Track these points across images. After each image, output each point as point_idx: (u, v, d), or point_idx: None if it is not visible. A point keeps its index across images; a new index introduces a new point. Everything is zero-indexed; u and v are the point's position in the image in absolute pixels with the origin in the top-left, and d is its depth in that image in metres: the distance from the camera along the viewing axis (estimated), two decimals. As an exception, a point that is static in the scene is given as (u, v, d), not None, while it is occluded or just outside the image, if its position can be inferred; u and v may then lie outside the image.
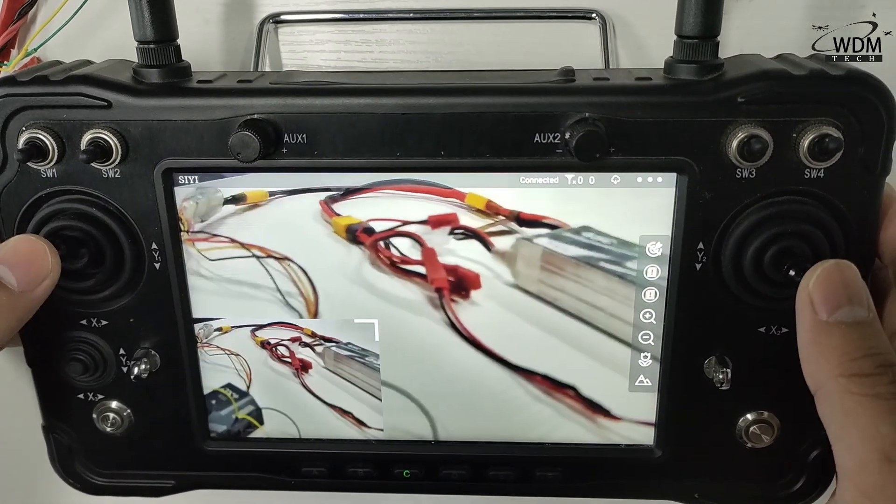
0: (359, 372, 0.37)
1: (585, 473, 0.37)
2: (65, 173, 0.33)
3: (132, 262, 0.34)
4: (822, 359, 0.28)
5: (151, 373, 0.35)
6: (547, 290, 0.35)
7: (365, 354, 0.36)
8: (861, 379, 0.27)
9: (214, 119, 0.32)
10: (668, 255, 0.33)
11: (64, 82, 0.32)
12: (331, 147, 0.32)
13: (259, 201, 0.34)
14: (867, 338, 0.27)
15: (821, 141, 0.30)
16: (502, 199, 0.33)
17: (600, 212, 0.33)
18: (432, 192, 0.33)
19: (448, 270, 0.35)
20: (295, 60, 0.40)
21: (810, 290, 0.28)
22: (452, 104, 0.31)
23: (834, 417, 0.27)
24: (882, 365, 0.27)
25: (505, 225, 0.34)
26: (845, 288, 0.28)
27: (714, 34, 0.31)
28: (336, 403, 0.37)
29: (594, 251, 0.34)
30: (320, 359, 0.37)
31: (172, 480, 0.39)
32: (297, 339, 0.36)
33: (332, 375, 0.37)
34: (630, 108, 0.31)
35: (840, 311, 0.27)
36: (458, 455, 0.37)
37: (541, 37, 0.39)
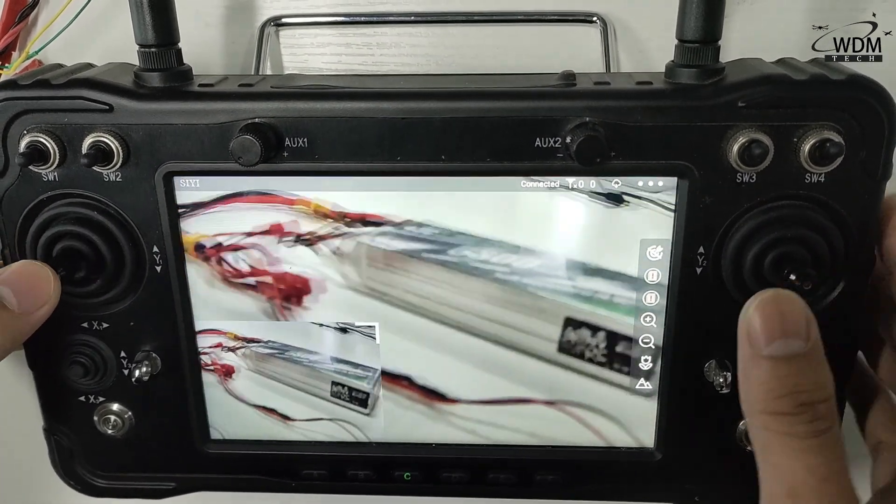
0: (282, 367, 0.37)
1: (586, 476, 0.37)
2: (66, 177, 0.33)
3: (133, 265, 0.34)
4: (750, 391, 0.27)
5: (152, 375, 0.35)
6: (377, 286, 0.35)
7: (286, 349, 0.37)
8: (779, 417, 0.26)
9: (216, 123, 0.32)
10: (669, 260, 0.33)
11: (65, 86, 0.32)
12: (331, 151, 0.32)
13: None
14: (795, 374, 0.26)
15: (822, 145, 0.30)
16: (328, 201, 0.34)
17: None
18: (279, 200, 0.34)
19: (277, 278, 0.35)
20: (296, 63, 0.40)
21: (748, 319, 0.27)
22: (453, 108, 0.31)
23: (755, 450, 0.28)
24: (803, 404, 0.26)
25: (332, 227, 0.34)
26: (780, 319, 0.27)
27: (715, 39, 0.31)
28: (262, 403, 0.38)
29: (416, 243, 0.34)
30: (244, 361, 0.37)
31: (173, 483, 0.39)
32: (219, 345, 0.37)
33: (257, 377, 0.37)
34: (631, 113, 0.31)
35: (773, 344, 0.27)
36: (458, 458, 0.37)
37: (541, 40, 0.39)
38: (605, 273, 0.34)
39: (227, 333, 0.36)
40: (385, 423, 0.38)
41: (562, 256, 0.34)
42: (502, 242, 0.34)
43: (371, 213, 0.34)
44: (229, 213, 0.34)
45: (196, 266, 0.35)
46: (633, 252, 0.34)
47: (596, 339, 0.35)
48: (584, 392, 0.36)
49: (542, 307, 0.35)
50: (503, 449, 0.37)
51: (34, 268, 0.32)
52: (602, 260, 0.34)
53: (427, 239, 0.34)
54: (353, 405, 0.37)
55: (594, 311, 0.35)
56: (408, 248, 0.34)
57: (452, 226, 0.34)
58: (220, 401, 0.38)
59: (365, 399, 0.37)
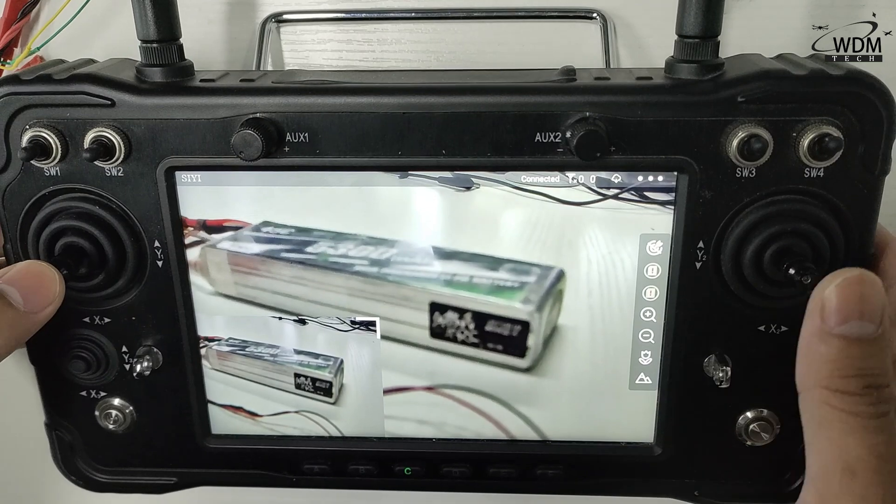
0: (243, 364, 0.37)
1: (586, 471, 0.37)
2: (68, 172, 0.33)
3: (135, 259, 0.34)
4: (813, 366, 0.28)
5: (154, 370, 0.36)
6: (245, 291, 0.36)
7: (245, 345, 0.37)
8: (843, 396, 0.27)
9: (217, 118, 0.32)
10: (669, 254, 0.33)
11: (67, 81, 0.32)
12: (333, 146, 0.32)
13: None
14: (864, 357, 0.27)
15: (821, 140, 0.30)
16: (188, 210, 0.34)
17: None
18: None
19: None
20: (297, 60, 0.40)
21: (825, 295, 0.28)
22: (453, 103, 0.31)
23: (809, 422, 0.28)
24: (869, 386, 0.27)
25: (195, 235, 0.34)
26: (860, 302, 0.27)
27: (714, 34, 0.31)
28: (228, 402, 0.38)
29: (274, 244, 0.35)
30: (206, 361, 0.37)
31: (174, 477, 0.39)
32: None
33: (221, 375, 0.37)
34: (631, 108, 0.31)
35: (848, 324, 0.27)
36: (459, 453, 0.37)
37: (542, 36, 0.39)
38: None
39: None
40: (350, 413, 0.38)
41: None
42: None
43: (229, 219, 0.34)
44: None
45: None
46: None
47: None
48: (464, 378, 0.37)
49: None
50: (505, 444, 0.37)
51: (40, 268, 0.32)
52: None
53: (284, 239, 0.34)
54: (317, 395, 0.37)
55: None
56: (267, 251, 0.35)
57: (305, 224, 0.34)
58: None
59: (328, 388, 0.37)
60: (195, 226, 0.34)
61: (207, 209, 0.34)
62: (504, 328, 0.35)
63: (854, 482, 0.26)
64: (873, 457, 0.26)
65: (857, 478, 0.26)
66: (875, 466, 0.26)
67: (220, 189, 0.34)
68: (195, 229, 0.34)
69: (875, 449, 0.26)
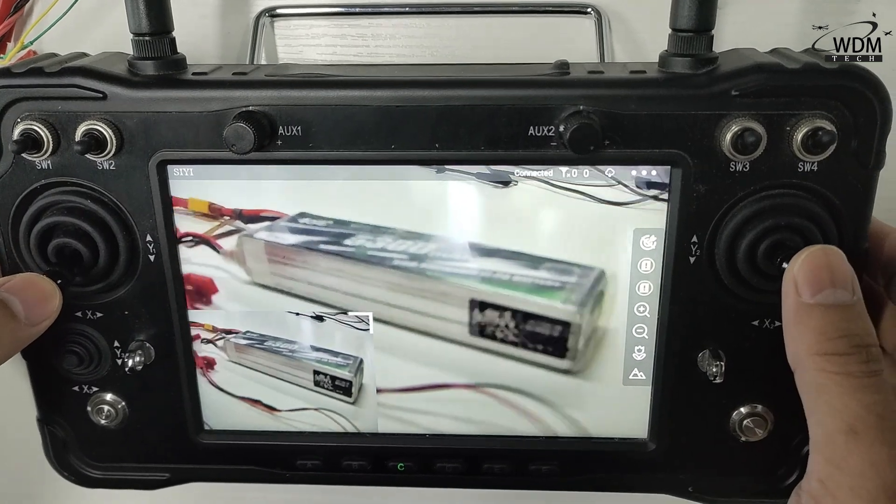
0: (261, 358, 0.37)
1: (579, 467, 0.37)
2: (60, 165, 0.33)
3: (127, 254, 0.34)
4: (801, 338, 0.29)
5: (146, 365, 0.35)
6: (281, 281, 0.35)
7: (263, 339, 0.37)
8: (835, 357, 0.28)
9: (209, 111, 0.32)
10: (662, 249, 0.33)
11: (59, 74, 0.32)
12: (326, 139, 0.32)
13: None
14: (846, 320, 0.28)
15: (814, 134, 0.30)
16: (224, 199, 0.34)
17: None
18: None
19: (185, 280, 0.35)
20: (291, 54, 0.40)
21: (795, 272, 0.29)
22: (447, 97, 0.31)
23: (807, 393, 0.29)
24: (857, 345, 0.28)
25: (231, 224, 0.34)
26: (829, 271, 0.29)
27: (708, 28, 0.31)
28: (246, 395, 0.38)
29: (312, 235, 0.34)
30: (223, 353, 0.37)
31: (167, 473, 0.39)
32: (197, 337, 0.37)
33: (238, 367, 0.37)
34: (624, 102, 0.31)
35: (822, 293, 0.28)
36: (452, 448, 0.37)
37: (536, 31, 0.39)
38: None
39: (205, 325, 0.36)
40: (372, 413, 0.37)
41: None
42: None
43: (265, 209, 0.34)
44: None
45: None
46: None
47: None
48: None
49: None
50: (498, 439, 0.37)
51: (42, 283, 0.32)
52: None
53: (322, 231, 0.34)
54: (336, 394, 0.37)
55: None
56: (305, 241, 0.35)
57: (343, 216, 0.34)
58: (207, 393, 0.38)
59: (348, 388, 0.37)
60: (231, 215, 0.34)
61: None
62: (545, 328, 0.35)
63: (858, 441, 0.27)
64: (873, 415, 0.27)
65: (861, 437, 0.27)
66: (876, 424, 0.27)
67: (211, 183, 0.34)
68: (231, 218, 0.34)
69: (874, 408, 0.27)
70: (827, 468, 0.28)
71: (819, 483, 0.28)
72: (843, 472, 0.27)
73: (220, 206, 0.34)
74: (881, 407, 0.27)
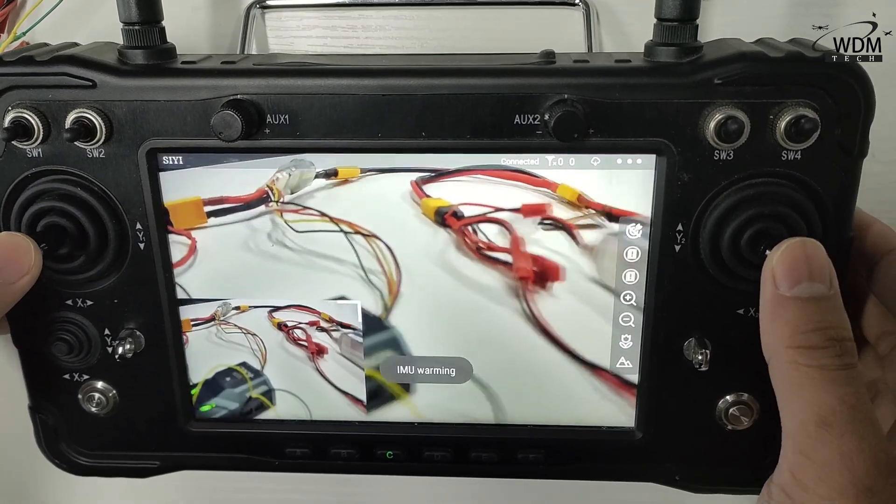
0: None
1: (567, 455, 0.37)
2: (50, 153, 0.33)
3: (116, 242, 0.34)
4: (776, 330, 0.29)
5: (136, 353, 0.36)
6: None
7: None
8: (808, 351, 0.28)
9: (198, 99, 0.32)
10: (648, 237, 0.33)
11: (49, 62, 0.32)
12: (313, 127, 0.32)
13: (350, 177, 0.34)
14: (821, 312, 0.28)
15: (797, 122, 0.30)
16: (594, 192, 0.33)
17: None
18: (523, 179, 0.33)
19: (533, 260, 0.35)
20: (281, 46, 0.41)
21: (773, 264, 0.29)
22: (433, 85, 0.31)
23: (781, 385, 0.29)
24: (832, 339, 0.28)
25: (594, 219, 0.34)
26: (807, 264, 0.29)
27: (693, 17, 0.31)
28: (348, 390, 0.38)
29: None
30: (336, 344, 0.37)
31: (157, 461, 0.39)
32: (315, 324, 0.37)
33: (346, 362, 0.37)
34: (609, 90, 0.31)
35: (799, 286, 0.29)
36: (440, 437, 0.38)
37: (525, 23, 0.40)
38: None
39: (323, 314, 0.36)
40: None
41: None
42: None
43: (638, 212, 0.33)
44: (471, 185, 0.34)
45: (441, 232, 0.34)
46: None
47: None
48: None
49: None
50: (485, 428, 0.38)
51: (14, 238, 0.32)
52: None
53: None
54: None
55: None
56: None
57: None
58: (308, 379, 0.38)
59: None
60: (598, 209, 0.33)
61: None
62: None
63: (829, 432, 0.27)
64: (846, 407, 0.27)
65: (832, 428, 0.27)
66: (848, 416, 0.27)
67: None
68: (597, 213, 0.33)
69: (846, 400, 0.27)
70: (798, 458, 0.28)
71: (790, 474, 0.28)
72: (814, 462, 0.27)
73: (589, 199, 0.33)
74: (854, 399, 0.27)
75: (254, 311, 0.37)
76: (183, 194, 0.34)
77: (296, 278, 0.36)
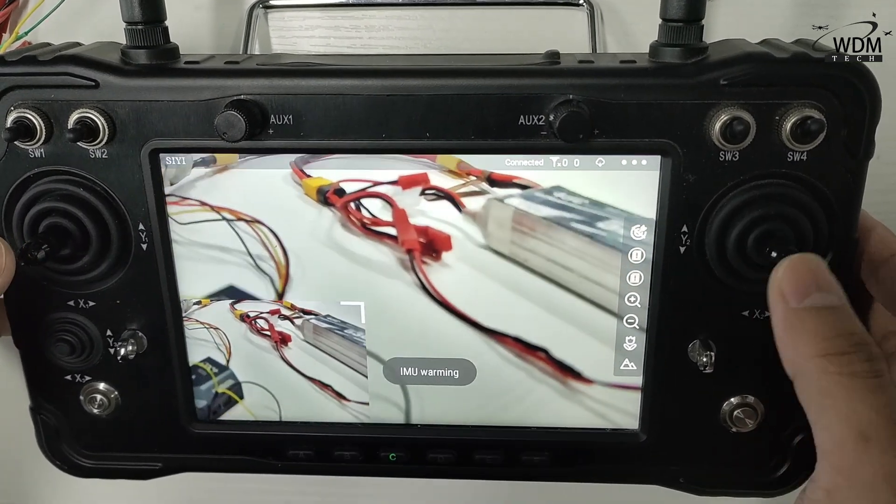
0: (338, 345, 0.37)
1: (571, 457, 0.37)
2: (53, 153, 0.33)
3: (119, 242, 0.34)
4: (798, 343, 0.28)
5: (138, 354, 0.36)
6: (518, 252, 0.35)
7: (344, 327, 0.36)
8: (837, 357, 0.27)
9: (201, 99, 0.32)
10: (653, 239, 0.33)
11: (52, 62, 0.32)
12: (316, 128, 0.32)
13: (229, 163, 0.34)
14: (840, 320, 0.27)
15: (803, 123, 0.30)
16: (473, 159, 0.33)
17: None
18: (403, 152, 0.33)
19: (419, 232, 0.34)
20: (285, 46, 0.41)
21: (779, 281, 0.28)
22: (437, 86, 0.31)
23: (812, 399, 0.28)
24: (857, 343, 0.27)
25: (476, 185, 0.34)
26: (813, 276, 0.28)
27: (698, 17, 0.31)
28: (315, 377, 0.38)
29: (566, 211, 0.34)
30: (299, 331, 0.37)
31: (159, 463, 0.39)
32: (276, 312, 0.36)
33: (311, 349, 0.37)
34: (614, 91, 0.31)
35: (810, 297, 0.28)
36: (444, 439, 0.37)
37: (529, 23, 0.39)
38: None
39: (285, 302, 0.36)
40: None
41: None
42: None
43: (517, 176, 0.33)
44: (350, 160, 0.34)
45: (325, 211, 0.34)
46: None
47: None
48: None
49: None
50: (489, 430, 0.37)
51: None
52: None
53: (576, 209, 0.33)
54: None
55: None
56: (556, 216, 0.34)
57: (602, 198, 0.33)
58: (277, 370, 0.37)
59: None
60: (479, 175, 0.33)
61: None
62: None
63: (869, 447, 0.26)
64: (883, 418, 0.26)
65: (872, 443, 0.26)
66: (886, 427, 0.26)
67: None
68: (478, 179, 0.33)
69: (884, 411, 0.26)
70: (835, 478, 0.26)
71: (825, 493, 0.27)
72: (852, 482, 0.26)
73: (469, 166, 0.33)
74: (891, 409, 0.26)
75: (216, 304, 0.36)
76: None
77: (186, 271, 0.36)
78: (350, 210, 0.34)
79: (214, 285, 0.36)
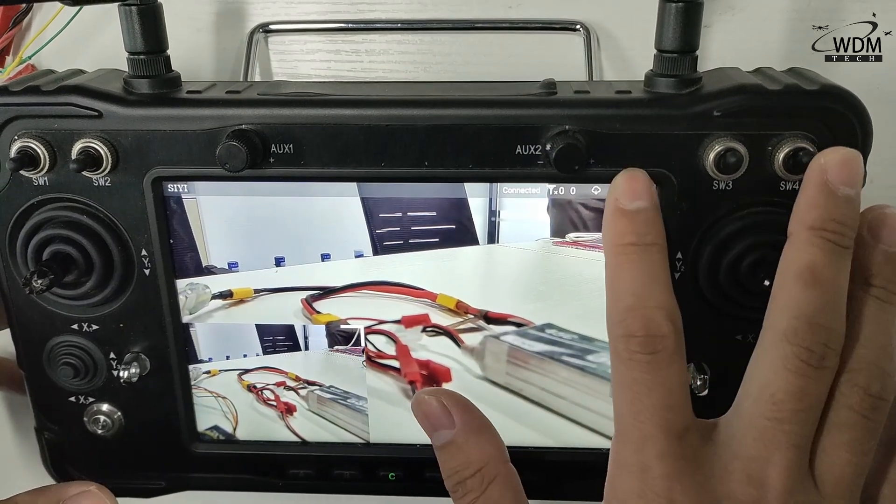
0: (342, 413, 0.38)
1: (567, 477, 0.38)
2: (56, 181, 0.33)
3: (122, 268, 0.34)
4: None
5: (141, 376, 0.36)
6: (513, 382, 0.37)
7: (347, 396, 0.38)
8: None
9: (203, 129, 0.32)
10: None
11: (55, 92, 0.32)
12: (317, 157, 0.32)
13: (245, 297, 0.36)
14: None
15: (795, 154, 0.30)
16: (471, 298, 0.35)
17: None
18: (406, 293, 0.36)
19: (420, 365, 0.37)
20: (285, 70, 0.41)
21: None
22: (436, 116, 0.32)
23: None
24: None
25: (474, 323, 0.36)
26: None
27: (692, 49, 0.32)
28: (319, 441, 0.39)
29: (556, 346, 0.36)
30: (304, 401, 0.38)
31: (163, 482, 0.39)
32: (282, 384, 0.38)
33: (316, 417, 0.38)
34: (609, 121, 0.31)
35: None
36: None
37: (527, 47, 0.40)
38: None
39: (289, 374, 0.38)
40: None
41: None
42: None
43: (512, 315, 0.36)
44: (358, 300, 0.36)
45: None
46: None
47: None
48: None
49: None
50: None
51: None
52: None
53: (567, 344, 0.36)
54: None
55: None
56: (548, 351, 0.36)
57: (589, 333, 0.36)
58: (280, 437, 0.39)
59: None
60: (476, 314, 0.36)
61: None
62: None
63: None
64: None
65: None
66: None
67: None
68: (476, 317, 0.36)
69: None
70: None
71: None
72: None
73: (467, 305, 0.36)
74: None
75: (224, 374, 0.38)
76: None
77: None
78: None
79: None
